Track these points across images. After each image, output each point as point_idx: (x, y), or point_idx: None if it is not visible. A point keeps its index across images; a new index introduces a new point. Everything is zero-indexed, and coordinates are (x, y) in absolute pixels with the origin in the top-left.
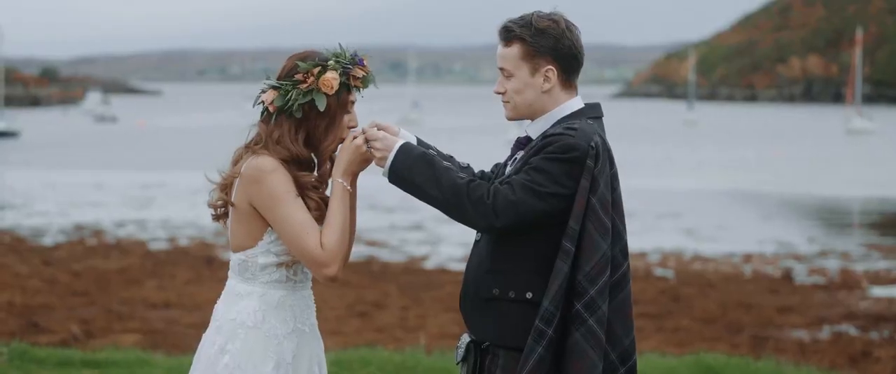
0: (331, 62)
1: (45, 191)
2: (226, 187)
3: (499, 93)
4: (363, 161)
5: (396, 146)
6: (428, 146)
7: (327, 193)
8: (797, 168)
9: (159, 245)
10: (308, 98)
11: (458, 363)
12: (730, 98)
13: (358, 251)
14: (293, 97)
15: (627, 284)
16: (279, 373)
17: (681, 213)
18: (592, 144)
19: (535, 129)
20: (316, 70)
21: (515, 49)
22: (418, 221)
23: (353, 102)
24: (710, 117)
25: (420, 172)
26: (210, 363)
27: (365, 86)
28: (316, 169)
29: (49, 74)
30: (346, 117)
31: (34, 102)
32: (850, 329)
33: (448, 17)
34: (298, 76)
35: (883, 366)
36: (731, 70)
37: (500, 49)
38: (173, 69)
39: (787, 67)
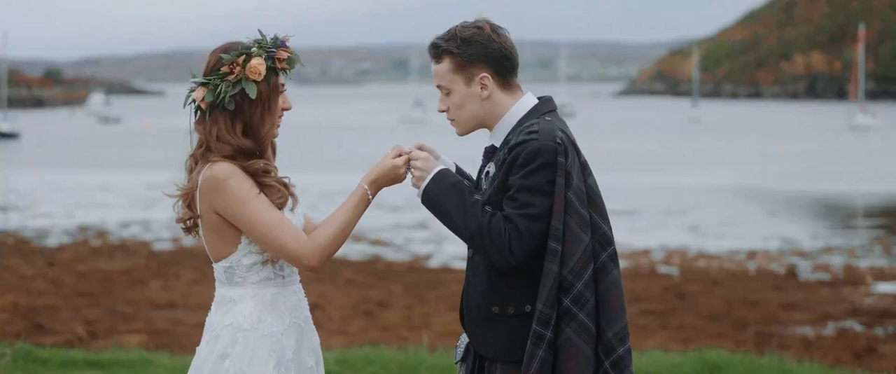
0: (254, 49)
1: (49, 192)
2: (189, 201)
3: (442, 111)
4: (394, 180)
5: (434, 170)
6: (465, 175)
7: (284, 177)
8: (801, 165)
9: (163, 246)
10: (238, 89)
11: (457, 363)
12: (734, 95)
13: (362, 250)
14: (223, 90)
15: (607, 275)
16: (280, 371)
17: (685, 210)
18: (558, 140)
19: (497, 137)
20: (241, 59)
21: (446, 64)
22: (422, 219)
23: (283, 85)
24: (715, 114)
25: (451, 200)
26: (211, 370)
27: (292, 67)
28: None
29: (53, 76)
30: (280, 100)
31: (38, 103)
32: (855, 326)
33: (451, 16)
34: (224, 69)
35: (888, 362)
36: (734, 67)
37: (433, 67)
38: (177, 70)
39: (791, 64)
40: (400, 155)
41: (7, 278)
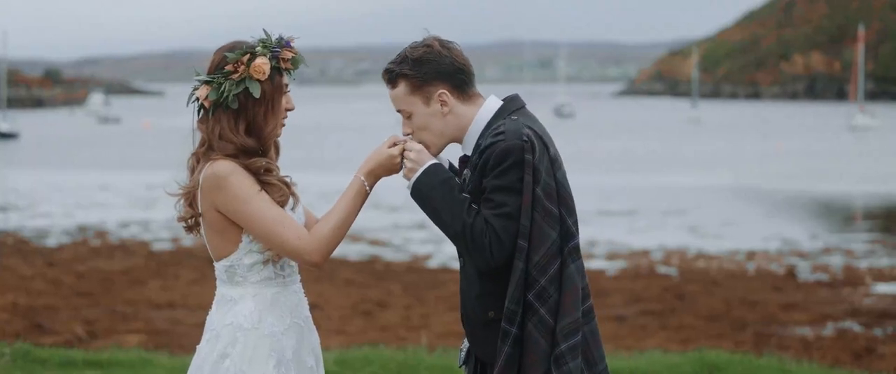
0: (258, 48)
1: (48, 192)
2: (190, 199)
3: (407, 134)
4: (391, 170)
5: (427, 164)
6: (459, 173)
7: (286, 176)
8: (801, 165)
9: (163, 246)
10: (242, 87)
11: (461, 366)
12: (733, 95)
13: (361, 251)
14: (227, 89)
15: (565, 269)
16: (280, 370)
17: (685, 210)
18: (524, 137)
19: (468, 147)
20: (245, 58)
21: (402, 87)
22: (421, 220)
23: (286, 86)
24: (714, 115)
25: (440, 196)
26: (211, 370)
27: (295, 67)
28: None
29: (52, 76)
30: (284, 100)
31: (38, 103)
32: (854, 326)
33: (451, 16)
34: (229, 67)
35: (887, 363)
36: (734, 67)
37: (390, 93)
38: (177, 70)
39: (791, 64)
40: (395, 144)
41: (7, 278)
